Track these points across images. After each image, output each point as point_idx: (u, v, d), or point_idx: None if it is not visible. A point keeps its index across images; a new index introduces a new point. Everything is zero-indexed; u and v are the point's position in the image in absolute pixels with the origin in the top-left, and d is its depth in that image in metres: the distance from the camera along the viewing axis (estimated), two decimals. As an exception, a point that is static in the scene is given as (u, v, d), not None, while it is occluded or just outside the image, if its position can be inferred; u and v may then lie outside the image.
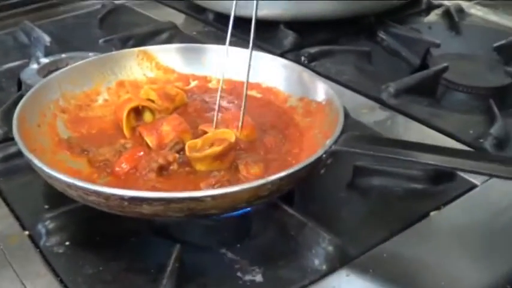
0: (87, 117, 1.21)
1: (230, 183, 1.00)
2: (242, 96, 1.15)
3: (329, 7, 1.70)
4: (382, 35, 1.72)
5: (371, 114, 1.29)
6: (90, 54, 1.44)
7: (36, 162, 0.93)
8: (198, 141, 1.04)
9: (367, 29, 1.77)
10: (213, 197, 0.86)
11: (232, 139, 1.02)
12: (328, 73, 1.30)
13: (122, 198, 0.86)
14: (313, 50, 1.57)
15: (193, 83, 1.34)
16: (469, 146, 1.13)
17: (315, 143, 1.10)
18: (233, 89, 1.29)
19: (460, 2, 1.96)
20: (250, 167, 1.03)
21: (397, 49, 1.68)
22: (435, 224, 0.96)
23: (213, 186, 0.99)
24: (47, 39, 1.50)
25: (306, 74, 1.22)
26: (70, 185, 0.89)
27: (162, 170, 1.04)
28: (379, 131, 1.24)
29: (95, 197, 0.88)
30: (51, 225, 0.89)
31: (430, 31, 1.81)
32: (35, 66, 1.42)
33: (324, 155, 0.96)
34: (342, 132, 0.99)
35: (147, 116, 1.18)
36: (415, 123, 1.29)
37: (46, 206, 0.98)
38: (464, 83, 1.41)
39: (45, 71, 1.40)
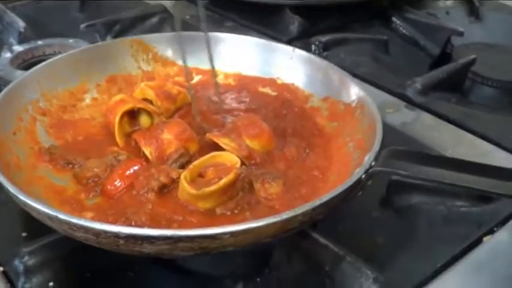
0: (73, 121, 1.05)
1: (251, 207, 0.85)
2: (256, 94, 0.99)
3: (339, -11, 1.53)
4: (397, 21, 1.57)
5: (397, 114, 1.15)
6: (71, 41, 1.30)
7: (9, 186, 0.75)
8: (187, 173, 0.85)
9: (380, 14, 1.62)
10: (232, 233, 0.69)
11: (238, 165, 0.85)
12: (342, 64, 1.17)
13: (116, 236, 0.67)
14: (324, 38, 1.40)
15: (196, 78, 1.17)
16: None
17: (346, 154, 0.95)
18: (243, 86, 1.12)
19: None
20: (269, 186, 0.87)
21: (414, 37, 1.54)
22: (491, 253, 0.84)
23: (231, 211, 0.83)
24: (21, 24, 1.34)
25: (332, 70, 1.07)
26: (51, 218, 0.70)
27: (163, 188, 0.85)
28: (409, 134, 1.10)
29: (82, 232, 0.70)
30: (30, 261, 0.76)
31: (448, 17, 1.65)
32: (7, 55, 1.26)
33: (363, 176, 0.77)
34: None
35: (144, 120, 1.01)
36: (447, 125, 1.15)
37: (24, 234, 0.85)
38: (494, 76, 1.29)
39: (19, 60, 1.26)
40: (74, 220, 0.71)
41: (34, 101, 1.01)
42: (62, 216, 0.72)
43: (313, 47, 1.40)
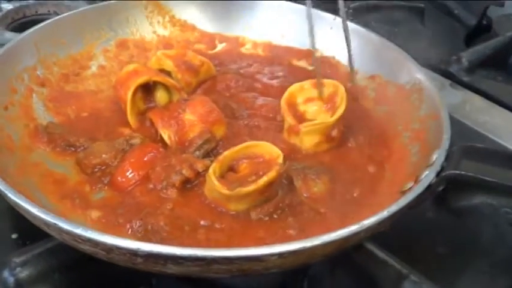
0: (76, 93, 0.90)
1: (293, 210, 0.70)
2: (291, 68, 0.93)
3: None
4: None
5: (443, 95, 0.95)
6: None
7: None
8: (216, 166, 0.71)
9: None
10: (281, 255, 0.53)
11: (280, 159, 0.71)
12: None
13: (134, 253, 0.52)
14: (354, 3, 1.25)
15: (220, 46, 1.03)
16: None
17: (401, 146, 0.82)
18: (275, 58, 0.95)
19: None
20: (312, 184, 0.72)
21: (448, 5, 1.39)
22: None
23: (270, 216, 0.69)
24: (9, -22, 1.20)
25: (381, 43, 0.94)
26: (49, 226, 0.54)
27: (186, 183, 0.70)
28: (458, 118, 0.97)
29: (89, 246, 0.55)
30: (23, 273, 0.62)
31: None
32: (-5, 14, 1.11)
33: (434, 180, 0.65)
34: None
35: (161, 96, 0.86)
36: (498, 108, 1.03)
37: (14, 236, 0.72)
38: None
39: (9, 19, 1.11)
40: (79, 231, 0.55)
41: (31, 69, 0.86)
42: (63, 225, 0.57)
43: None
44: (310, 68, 0.98)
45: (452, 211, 0.82)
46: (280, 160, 0.70)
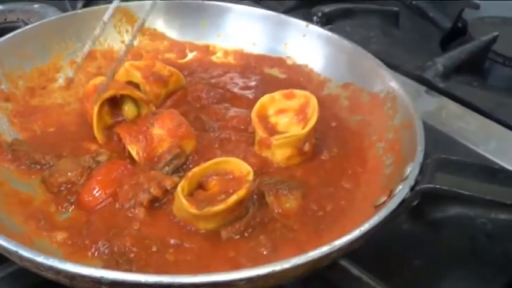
0: (42, 107, 0.88)
1: (264, 227, 0.69)
2: (263, 76, 0.92)
3: None
4: None
5: (418, 101, 0.98)
6: (36, 6, 1.13)
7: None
8: (184, 183, 0.69)
9: None
10: (251, 279, 0.51)
11: (250, 176, 0.69)
12: (350, 40, 0.98)
13: (98, 281, 0.50)
14: (328, 8, 1.22)
15: (190, 55, 1.00)
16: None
17: (375, 157, 0.80)
18: (247, 66, 0.93)
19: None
20: (284, 199, 0.70)
21: (424, 8, 1.37)
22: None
23: (241, 234, 0.67)
24: (-24, -17, 1.16)
25: (354, 51, 0.91)
26: (9, 252, 0.52)
27: (154, 202, 0.68)
28: (434, 125, 0.95)
29: (51, 274, 0.53)
30: None
31: None
32: (-41, 21, 1.08)
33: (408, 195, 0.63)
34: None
35: (129, 109, 0.84)
36: (473, 114, 1.00)
37: None
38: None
39: None
40: (40, 259, 0.53)
41: (-5, 83, 0.82)
42: (23, 253, 0.54)
43: (314, 18, 1.21)
44: (282, 76, 0.96)
45: (427, 223, 0.81)
46: (251, 177, 0.68)
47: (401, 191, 0.65)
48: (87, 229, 0.69)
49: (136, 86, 0.86)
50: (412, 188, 0.66)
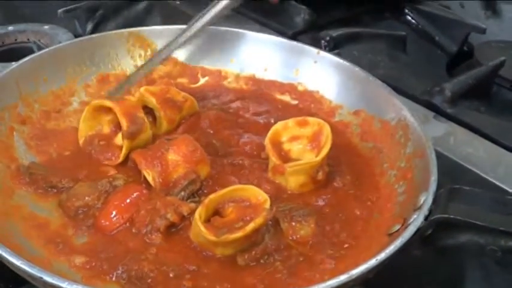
0: (58, 131, 0.89)
1: (280, 255, 0.70)
2: (275, 103, 0.91)
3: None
4: (410, 13, 1.42)
5: (427, 127, 0.96)
6: (46, 27, 1.14)
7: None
8: (202, 210, 0.70)
9: (392, 5, 1.46)
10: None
11: (267, 204, 0.69)
12: (357, 64, 0.99)
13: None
14: (335, 32, 1.22)
15: (202, 80, 1.01)
16: None
17: (387, 185, 0.81)
18: (258, 92, 0.94)
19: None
20: (299, 226, 0.70)
21: (429, 32, 1.38)
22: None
23: (257, 261, 0.68)
24: (-13, 4, 1.17)
25: (365, 78, 0.92)
26: (34, 278, 0.54)
27: (171, 227, 0.69)
28: (442, 151, 0.95)
29: None
30: None
31: (463, 10, 1.50)
32: (-29, 42, 1.09)
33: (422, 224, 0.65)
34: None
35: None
36: (481, 140, 1.01)
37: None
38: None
39: None
40: (65, 285, 0.54)
41: (11, 107, 0.85)
42: (48, 279, 0.55)
43: (322, 42, 1.22)
44: (293, 102, 0.97)
45: (438, 249, 0.81)
46: (267, 205, 0.69)
47: (416, 220, 0.66)
48: (105, 253, 0.69)
49: (151, 110, 0.87)
50: (426, 218, 0.67)
